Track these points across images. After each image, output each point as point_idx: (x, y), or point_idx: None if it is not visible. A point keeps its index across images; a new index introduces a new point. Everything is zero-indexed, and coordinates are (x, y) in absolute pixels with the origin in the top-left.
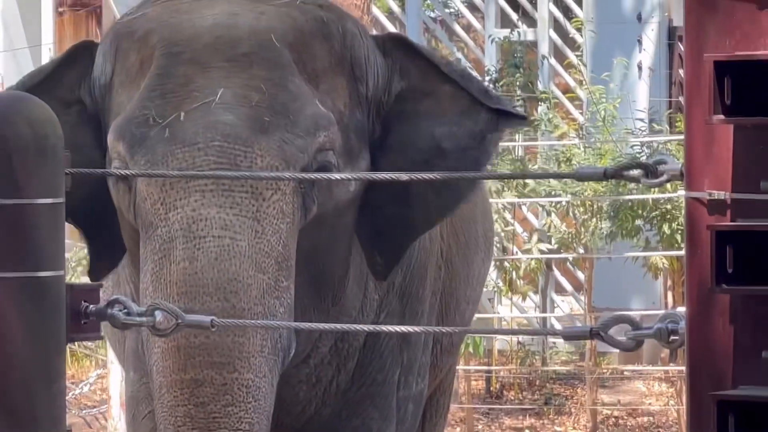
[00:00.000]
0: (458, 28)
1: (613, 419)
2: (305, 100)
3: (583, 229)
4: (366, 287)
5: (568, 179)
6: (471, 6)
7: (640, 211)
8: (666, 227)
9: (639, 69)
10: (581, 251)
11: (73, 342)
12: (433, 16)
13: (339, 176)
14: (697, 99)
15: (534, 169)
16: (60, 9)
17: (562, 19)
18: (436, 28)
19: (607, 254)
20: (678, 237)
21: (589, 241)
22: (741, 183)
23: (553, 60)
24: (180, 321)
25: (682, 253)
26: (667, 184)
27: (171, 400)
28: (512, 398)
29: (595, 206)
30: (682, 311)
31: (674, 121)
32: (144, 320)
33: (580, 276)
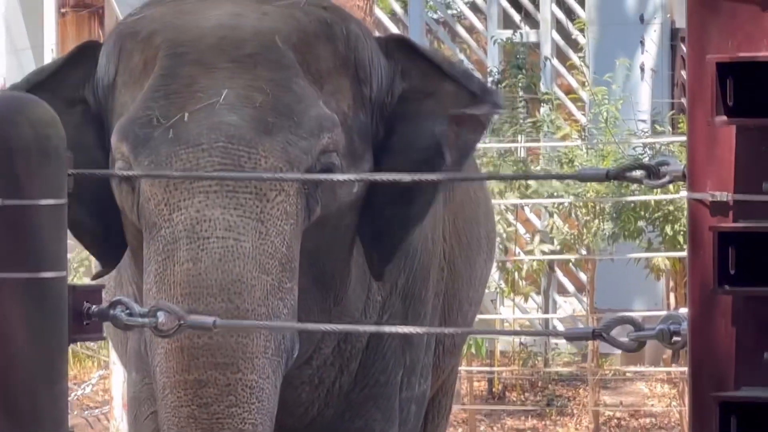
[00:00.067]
0: (461, 30)
1: (616, 420)
2: (309, 102)
3: (585, 230)
4: (369, 288)
5: (571, 180)
6: (473, 7)
7: (642, 213)
8: (668, 228)
9: (641, 70)
10: (583, 252)
11: (76, 343)
12: (435, 17)
13: (341, 177)
14: (700, 100)
15: (536, 170)
16: (62, 10)
17: (565, 20)
18: (439, 30)
19: (609, 255)
20: (680, 238)
21: (592, 243)
22: (743, 184)
23: (555, 61)
24: (182, 322)
25: (685, 254)
26: (670, 186)
27: (174, 401)
28: (514, 399)
29: (597, 207)
30: (685, 312)
31: (676, 123)
32: (146, 321)
33: (583, 277)
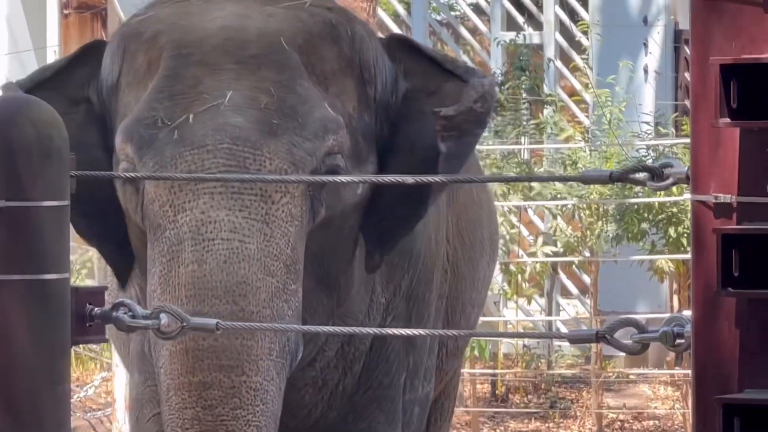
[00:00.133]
0: (464, 31)
1: (619, 423)
2: (314, 103)
3: (588, 232)
4: (373, 291)
5: (574, 182)
6: (477, 9)
7: (645, 215)
8: (672, 230)
9: (645, 72)
10: (587, 254)
11: (78, 345)
12: (438, 19)
13: (344, 179)
14: (703, 102)
15: (540, 172)
16: (65, 11)
17: (568, 22)
18: (442, 31)
19: (612, 257)
20: (684, 240)
21: (595, 245)
22: (747, 186)
23: (558, 63)
24: (185, 324)
25: (688, 256)
26: (673, 188)
27: (179, 403)
28: (518, 402)
29: (600, 209)
30: (688, 314)
31: (680, 125)
32: (149, 323)
33: (586, 279)
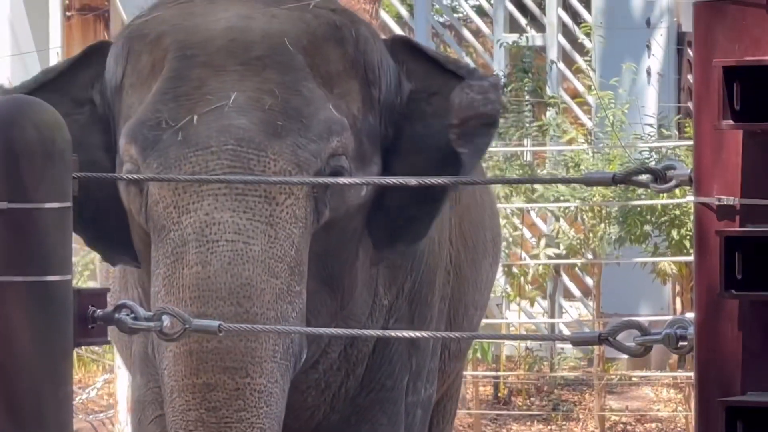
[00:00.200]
0: (467, 33)
1: (621, 425)
2: (318, 105)
3: (591, 234)
4: (376, 293)
5: (577, 184)
6: (479, 11)
7: (648, 217)
8: (675, 233)
9: (648, 74)
10: (590, 257)
11: (80, 346)
12: (441, 20)
13: (347, 181)
14: (706, 104)
15: (542, 174)
16: (68, 13)
17: (571, 24)
18: (445, 33)
19: (615, 260)
20: (687, 242)
21: (598, 247)
22: (750, 188)
23: (561, 65)
24: (187, 326)
25: (691, 258)
26: (676, 190)
27: (182, 404)
28: (520, 404)
29: (603, 211)
30: (691, 317)
31: (683, 127)
32: (151, 325)
33: (589, 281)
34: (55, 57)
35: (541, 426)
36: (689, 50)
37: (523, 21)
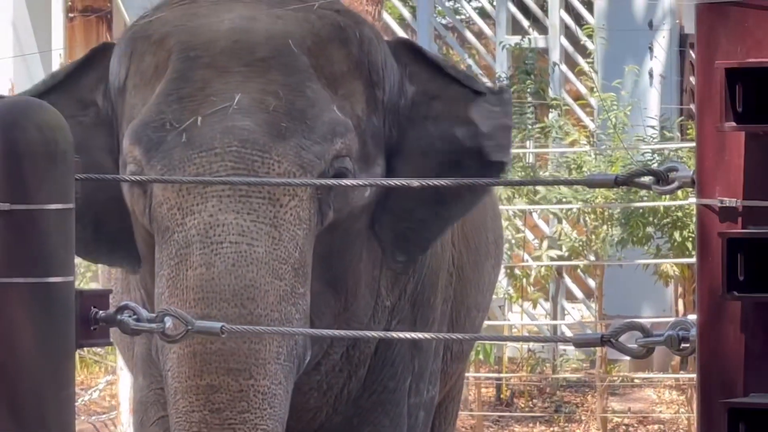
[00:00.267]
0: (469, 35)
1: (624, 427)
2: (323, 106)
3: (593, 236)
4: (378, 294)
5: (579, 186)
6: (482, 13)
7: (651, 219)
8: (677, 234)
9: (650, 76)
10: (592, 258)
11: (83, 348)
12: (444, 22)
13: (351, 182)
14: (709, 106)
15: (545, 176)
16: (70, 14)
17: (574, 26)
18: (448, 35)
19: (617, 261)
20: (689, 244)
21: (600, 249)
22: (752, 190)
23: (564, 67)
24: (190, 327)
25: (693, 260)
26: (678, 192)
27: (186, 406)
28: (522, 406)
29: (605, 213)
30: (693, 318)
31: (685, 129)
32: (153, 326)
33: (591, 283)
34: (58, 58)
35: (543, 428)
36: (691, 52)
37: (525, 23)
